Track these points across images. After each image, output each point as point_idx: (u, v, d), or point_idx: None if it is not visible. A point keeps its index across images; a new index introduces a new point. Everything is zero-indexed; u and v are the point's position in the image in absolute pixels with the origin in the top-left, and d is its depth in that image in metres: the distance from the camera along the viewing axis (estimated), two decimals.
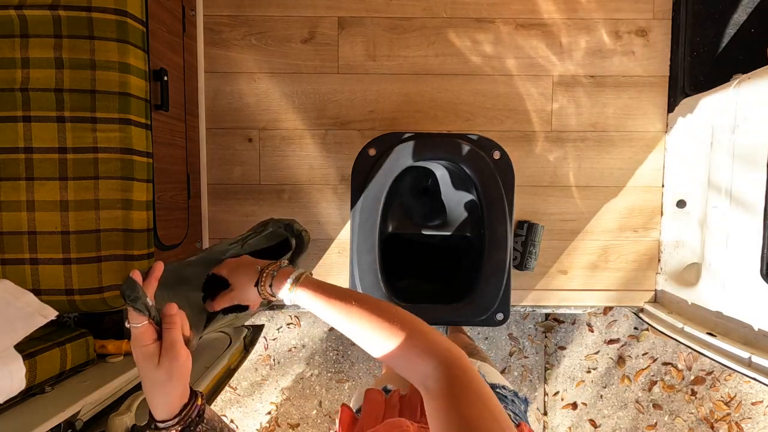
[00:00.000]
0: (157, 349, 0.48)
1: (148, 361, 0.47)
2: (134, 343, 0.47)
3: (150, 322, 0.48)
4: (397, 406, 0.71)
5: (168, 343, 0.48)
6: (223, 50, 1.33)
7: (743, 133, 1.03)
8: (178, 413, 0.49)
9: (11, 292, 0.76)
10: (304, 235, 0.74)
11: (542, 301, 1.41)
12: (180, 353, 0.48)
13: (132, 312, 0.47)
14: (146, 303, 0.48)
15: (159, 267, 0.52)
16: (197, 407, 0.51)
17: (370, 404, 0.71)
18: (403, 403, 0.71)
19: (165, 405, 0.48)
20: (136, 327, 0.47)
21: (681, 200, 1.29)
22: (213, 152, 1.35)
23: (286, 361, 1.81)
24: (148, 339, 0.48)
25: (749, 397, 1.76)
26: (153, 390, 0.48)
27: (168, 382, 0.47)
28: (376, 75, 1.34)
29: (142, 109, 0.91)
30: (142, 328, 0.47)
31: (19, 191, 0.84)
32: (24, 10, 0.83)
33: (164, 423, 0.48)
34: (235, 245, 0.67)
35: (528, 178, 1.37)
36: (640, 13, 1.34)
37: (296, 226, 0.73)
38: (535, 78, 1.35)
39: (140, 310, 0.47)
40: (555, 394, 1.79)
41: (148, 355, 0.47)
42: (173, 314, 0.49)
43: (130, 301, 0.47)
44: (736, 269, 1.07)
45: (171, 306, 0.50)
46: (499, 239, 1.00)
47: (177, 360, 0.47)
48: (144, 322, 0.48)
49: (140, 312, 0.47)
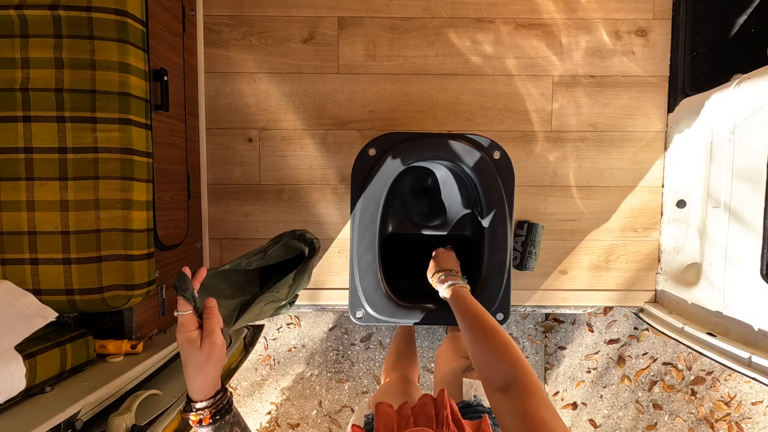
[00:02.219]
0: (199, 335, 0.55)
1: (192, 344, 0.55)
2: (181, 328, 0.55)
3: (194, 312, 0.56)
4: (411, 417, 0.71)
5: (208, 329, 0.56)
6: (223, 50, 1.33)
7: (743, 133, 1.03)
8: (213, 396, 0.56)
9: (11, 294, 0.76)
10: (315, 243, 0.84)
11: (542, 301, 1.41)
12: (218, 338, 0.56)
13: (181, 300, 0.55)
14: (194, 294, 0.56)
15: (203, 271, 0.60)
16: (227, 397, 0.58)
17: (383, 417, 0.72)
18: (416, 414, 0.72)
19: (202, 386, 0.55)
20: (183, 314, 0.55)
21: (681, 200, 1.29)
22: (213, 152, 1.35)
23: (286, 361, 1.81)
24: (192, 326, 0.56)
25: (749, 397, 1.77)
26: (194, 371, 0.55)
27: (207, 364, 0.55)
28: (376, 75, 1.34)
29: (142, 109, 0.91)
30: (188, 316, 0.56)
31: (19, 191, 0.84)
32: (24, 10, 0.83)
33: (200, 403, 0.55)
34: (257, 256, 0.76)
35: (528, 178, 1.37)
36: (640, 13, 1.34)
37: (308, 235, 0.83)
38: (535, 78, 1.35)
39: (188, 300, 0.55)
40: (555, 394, 1.79)
41: (191, 339, 0.55)
42: (213, 306, 0.58)
43: (181, 290, 0.55)
44: (736, 269, 1.07)
45: (211, 300, 0.58)
46: (499, 239, 1.00)
47: (215, 344, 0.55)
48: (190, 310, 0.56)
49: (188, 301, 0.55)
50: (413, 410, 0.73)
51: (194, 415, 0.56)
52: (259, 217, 1.37)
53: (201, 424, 0.56)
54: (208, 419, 0.56)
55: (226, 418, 0.57)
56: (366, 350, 1.80)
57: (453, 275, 0.88)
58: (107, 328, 0.96)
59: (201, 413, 0.55)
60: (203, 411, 0.56)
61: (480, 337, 0.67)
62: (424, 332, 1.80)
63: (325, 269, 1.39)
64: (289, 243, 0.81)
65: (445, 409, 0.68)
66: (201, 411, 0.55)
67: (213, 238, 1.36)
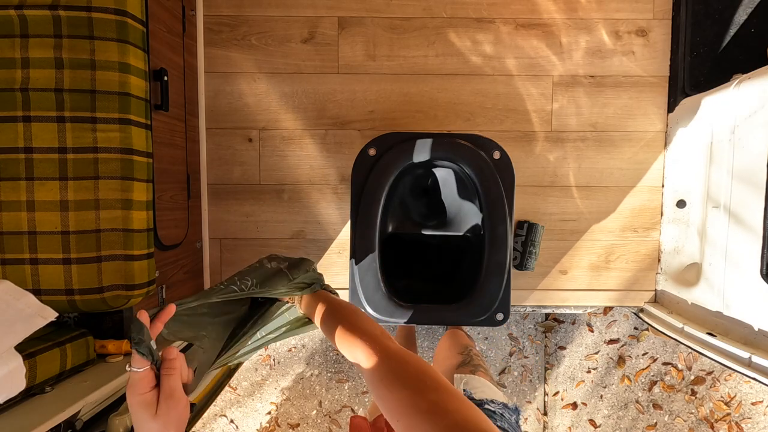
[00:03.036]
0: (154, 397, 0.44)
1: (145, 409, 0.44)
2: (131, 389, 0.44)
3: (152, 367, 0.46)
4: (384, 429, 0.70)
5: (167, 391, 0.45)
6: (223, 50, 1.33)
7: (743, 133, 1.03)
8: None
9: (11, 294, 0.76)
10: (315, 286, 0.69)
11: (542, 301, 1.41)
12: (179, 402, 0.45)
13: (135, 355, 0.45)
14: (150, 347, 0.45)
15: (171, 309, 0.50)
16: None
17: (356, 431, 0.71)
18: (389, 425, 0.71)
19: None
20: (136, 371, 0.45)
21: (681, 200, 1.29)
22: (213, 152, 1.35)
23: (286, 361, 1.81)
24: (146, 386, 0.45)
25: (749, 397, 1.76)
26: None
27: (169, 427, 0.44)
28: (376, 75, 1.34)
29: (142, 109, 0.91)
30: (142, 374, 0.45)
31: (19, 191, 0.83)
32: (24, 10, 0.83)
33: None
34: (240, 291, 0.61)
35: (528, 178, 1.37)
36: (640, 13, 1.34)
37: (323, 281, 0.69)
38: (535, 78, 1.35)
39: (143, 354, 0.45)
40: (555, 394, 1.79)
41: (145, 403, 0.44)
42: (173, 359, 0.46)
43: (134, 343, 0.45)
44: (736, 269, 1.07)
45: (171, 350, 0.47)
46: (499, 239, 1.00)
47: (176, 409, 0.44)
48: (146, 367, 0.45)
49: (143, 356, 0.45)
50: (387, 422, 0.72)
51: None
52: (259, 217, 1.37)
53: None
54: None
55: None
56: None
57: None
58: (107, 328, 0.96)
59: None
60: None
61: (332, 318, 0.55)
62: (424, 332, 1.80)
63: (325, 269, 1.39)
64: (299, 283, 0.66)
65: None
66: None
67: (213, 238, 1.36)
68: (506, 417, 0.73)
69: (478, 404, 0.79)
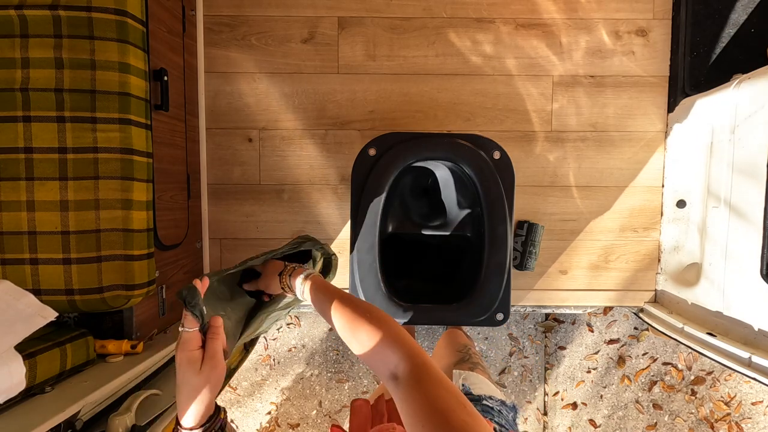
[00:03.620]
0: (200, 355, 0.51)
1: (191, 365, 0.50)
2: (182, 346, 0.50)
3: (199, 329, 0.52)
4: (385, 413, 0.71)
5: (211, 352, 0.51)
6: (223, 50, 1.33)
7: (743, 133, 1.03)
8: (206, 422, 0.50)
9: (11, 293, 0.76)
10: (333, 259, 0.79)
11: (542, 301, 1.41)
12: (219, 363, 0.51)
13: (189, 317, 0.51)
14: (203, 311, 0.52)
15: (206, 281, 0.56)
16: (221, 420, 0.53)
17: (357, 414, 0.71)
18: (390, 409, 0.71)
19: (195, 412, 0.50)
20: (188, 331, 0.51)
21: (681, 200, 1.29)
22: (213, 152, 1.35)
23: (286, 361, 1.81)
24: (195, 345, 0.51)
25: (749, 397, 1.76)
26: (188, 395, 0.49)
27: (204, 389, 0.49)
28: (376, 75, 1.34)
29: (142, 109, 0.91)
30: (192, 333, 0.51)
31: (19, 191, 0.83)
32: (24, 10, 0.83)
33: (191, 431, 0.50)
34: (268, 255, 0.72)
35: (528, 178, 1.37)
36: (640, 13, 1.34)
37: (328, 249, 0.78)
38: (535, 78, 1.35)
39: (197, 316, 0.51)
40: (555, 394, 1.79)
41: (192, 359, 0.50)
42: (218, 326, 0.53)
43: (190, 306, 0.51)
44: (736, 269, 1.07)
45: (217, 318, 0.54)
46: (499, 239, 1.00)
47: (216, 369, 0.50)
48: (196, 328, 0.51)
49: (196, 318, 0.51)
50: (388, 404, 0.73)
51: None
52: (259, 217, 1.37)
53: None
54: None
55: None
56: None
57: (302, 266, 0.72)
58: (107, 328, 0.96)
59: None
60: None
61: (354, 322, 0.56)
62: (424, 332, 1.80)
63: None
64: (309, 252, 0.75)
65: None
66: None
67: (213, 238, 1.36)
68: (504, 414, 0.74)
69: (476, 400, 0.79)
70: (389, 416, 0.69)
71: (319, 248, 0.77)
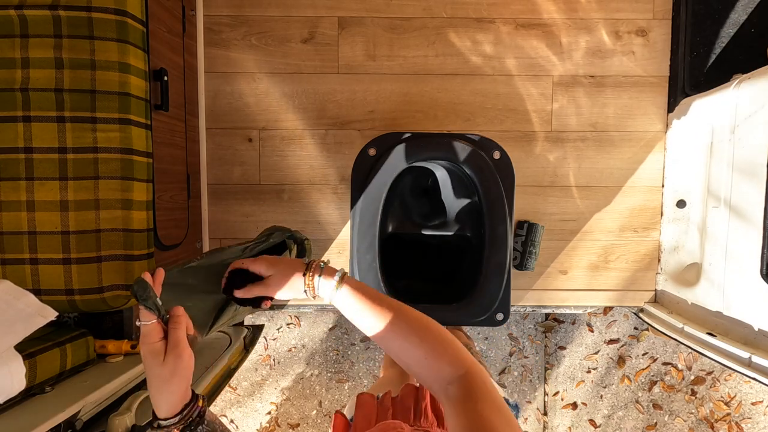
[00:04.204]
0: (163, 346, 0.50)
1: (155, 357, 0.50)
2: (143, 339, 0.50)
3: (158, 321, 0.51)
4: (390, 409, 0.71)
5: (173, 342, 0.51)
6: (223, 50, 1.33)
7: (743, 133, 1.03)
8: (180, 412, 0.51)
9: (11, 293, 0.76)
10: (306, 244, 0.76)
11: (542, 301, 1.41)
12: (184, 351, 0.51)
13: (143, 310, 0.51)
14: (156, 303, 0.51)
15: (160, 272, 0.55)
16: (198, 408, 0.53)
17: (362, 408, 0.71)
18: (396, 405, 0.71)
19: (167, 403, 0.50)
20: (145, 324, 0.51)
21: (681, 200, 1.29)
22: (213, 152, 1.35)
23: (286, 361, 1.81)
24: (155, 336, 0.51)
25: (749, 397, 1.76)
26: (157, 386, 0.50)
27: (172, 379, 0.50)
28: (376, 75, 1.34)
29: (142, 109, 0.91)
30: (151, 326, 0.51)
31: (19, 191, 0.83)
32: (24, 10, 0.83)
33: (166, 421, 0.50)
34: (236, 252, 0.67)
35: (528, 178, 1.37)
36: (640, 13, 1.34)
37: (298, 235, 0.76)
38: (535, 78, 1.35)
39: (151, 309, 0.51)
40: (555, 394, 1.79)
41: (154, 351, 0.50)
42: (179, 315, 0.53)
43: (141, 300, 0.51)
44: (736, 269, 1.07)
45: (177, 308, 0.53)
46: (499, 239, 1.00)
47: (181, 357, 0.50)
48: (153, 320, 0.51)
49: (150, 310, 0.51)
50: (394, 401, 0.73)
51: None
52: (259, 217, 1.37)
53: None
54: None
55: (198, 431, 0.52)
56: (366, 350, 1.80)
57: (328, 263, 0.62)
58: (107, 328, 0.96)
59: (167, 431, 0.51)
60: (169, 428, 0.51)
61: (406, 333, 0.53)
62: None
63: None
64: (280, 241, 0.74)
65: (424, 400, 0.68)
66: (167, 428, 0.51)
67: (213, 238, 1.36)
68: None
69: None
70: (394, 413, 0.70)
71: (289, 236, 0.75)
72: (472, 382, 0.48)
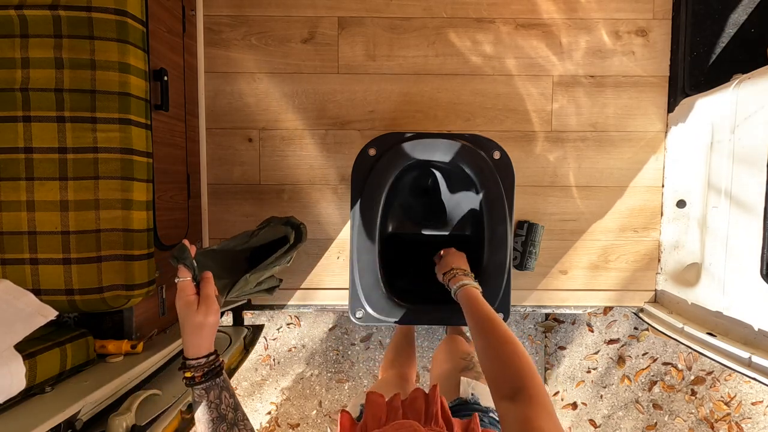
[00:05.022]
0: (196, 300, 0.62)
1: (190, 307, 0.61)
2: (180, 294, 0.62)
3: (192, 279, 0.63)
4: (400, 410, 0.71)
5: (205, 296, 0.63)
6: (223, 50, 1.33)
7: (743, 133, 1.03)
8: (206, 356, 0.61)
9: (11, 293, 0.76)
10: (302, 228, 0.86)
11: (542, 301, 1.41)
12: (212, 304, 0.63)
13: (181, 268, 0.63)
14: (192, 263, 0.64)
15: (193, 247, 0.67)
16: (219, 361, 0.63)
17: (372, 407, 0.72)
18: (406, 407, 0.72)
19: (196, 345, 0.61)
20: (183, 280, 0.63)
21: (681, 200, 1.29)
22: (213, 152, 1.35)
23: (286, 361, 1.81)
24: (190, 291, 0.63)
25: (749, 397, 1.77)
26: (191, 331, 0.61)
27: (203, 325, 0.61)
28: (376, 75, 1.34)
29: (142, 109, 0.91)
30: (187, 282, 0.63)
31: (19, 191, 0.83)
32: (24, 10, 0.83)
33: (194, 360, 0.61)
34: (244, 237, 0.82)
35: (528, 178, 1.37)
36: (640, 13, 1.34)
37: (293, 221, 0.86)
38: (535, 78, 1.35)
39: (188, 267, 0.63)
40: (555, 394, 1.79)
41: (189, 303, 0.62)
42: (209, 277, 0.66)
43: (181, 259, 0.63)
44: (736, 269, 1.07)
45: (207, 272, 0.66)
46: (499, 239, 1.00)
47: (211, 308, 0.62)
48: (188, 277, 0.63)
49: (188, 269, 0.63)
50: (403, 403, 0.73)
51: (188, 372, 0.60)
52: (259, 217, 1.37)
53: (194, 381, 0.60)
54: (200, 377, 0.60)
55: (216, 381, 0.61)
56: (366, 350, 1.80)
57: (466, 275, 0.87)
58: (107, 328, 0.96)
59: (194, 371, 0.60)
60: (196, 369, 0.60)
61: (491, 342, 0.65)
62: (424, 332, 1.80)
63: (324, 269, 1.39)
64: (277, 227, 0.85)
65: (435, 404, 0.68)
66: (194, 369, 0.60)
67: (213, 238, 1.36)
68: None
69: (484, 411, 0.80)
70: (404, 414, 0.70)
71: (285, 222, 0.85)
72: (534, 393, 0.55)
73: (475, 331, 0.70)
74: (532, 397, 0.54)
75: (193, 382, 0.60)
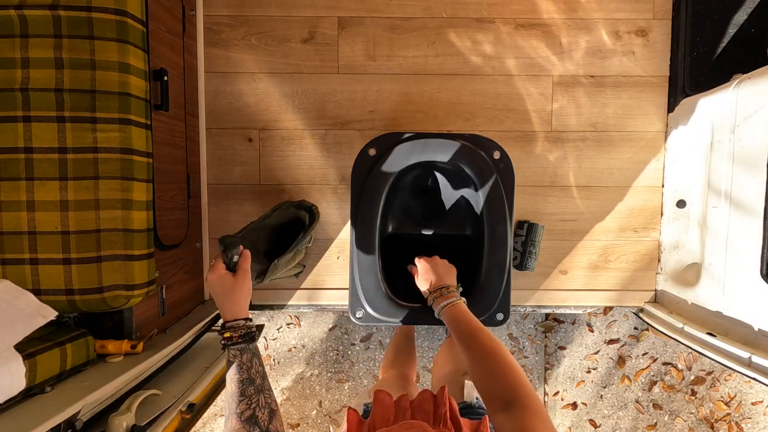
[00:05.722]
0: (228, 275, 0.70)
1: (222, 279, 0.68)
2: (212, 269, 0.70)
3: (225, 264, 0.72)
4: (408, 410, 0.71)
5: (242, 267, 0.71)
6: (223, 50, 1.33)
7: (743, 133, 1.03)
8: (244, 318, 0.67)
9: (11, 293, 0.76)
10: (314, 209, 0.96)
11: (542, 301, 1.41)
12: (247, 275, 0.70)
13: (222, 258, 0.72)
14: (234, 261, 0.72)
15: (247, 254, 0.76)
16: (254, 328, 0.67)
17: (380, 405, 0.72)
18: (414, 407, 0.72)
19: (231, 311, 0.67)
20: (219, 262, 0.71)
21: (681, 200, 1.29)
22: (213, 152, 1.35)
23: (286, 361, 1.81)
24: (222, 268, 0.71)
25: (749, 397, 1.77)
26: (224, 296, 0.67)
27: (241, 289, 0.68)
28: (376, 75, 1.34)
29: (142, 109, 0.91)
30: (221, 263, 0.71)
31: (19, 191, 0.83)
32: (24, 10, 0.83)
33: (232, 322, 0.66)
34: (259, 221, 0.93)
35: (528, 178, 1.37)
36: (640, 13, 1.34)
37: (305, 203, 0.96)
38: (535, 78, 1.35)
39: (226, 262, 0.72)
40: (555, 394, 1.79)
41: (222, 275, 0.69)
42: (247, 254, 0.73)
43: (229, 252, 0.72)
44: (735, 269, 1.07)
45: (246, 251, 0.74)
46: (499, 239, 1.00)
47: (246, 278, 0.70)
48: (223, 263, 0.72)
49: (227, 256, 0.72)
50: (412, 404, 0.73)
51: (227, 332, 0.65)
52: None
53: (231, 341, 0.64)
54: (237, 338, 0.65)
55: (250, 346, 0.65)
56: (366, 350, 1.80)
57: (446, 293, 0.83)
58: (107, 328, 0.96)
59: (233, 331, 0.65)
60: (235, 330, 0.65)
61: (479, 357, 0.66)
62: (424, 332, 1.80)
63: (324, 269, 1.39)
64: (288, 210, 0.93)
65: (444, 406, 0.69)
66: (233, 329, 0.65)
67: (213, 238, 1.36)
68: None
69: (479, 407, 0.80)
70: (413, 415, 0.70)
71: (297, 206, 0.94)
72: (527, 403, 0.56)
73: (461, 349, 0.70)
74: (525, 407, 0.55)
75: (231, 341, 0.64)
